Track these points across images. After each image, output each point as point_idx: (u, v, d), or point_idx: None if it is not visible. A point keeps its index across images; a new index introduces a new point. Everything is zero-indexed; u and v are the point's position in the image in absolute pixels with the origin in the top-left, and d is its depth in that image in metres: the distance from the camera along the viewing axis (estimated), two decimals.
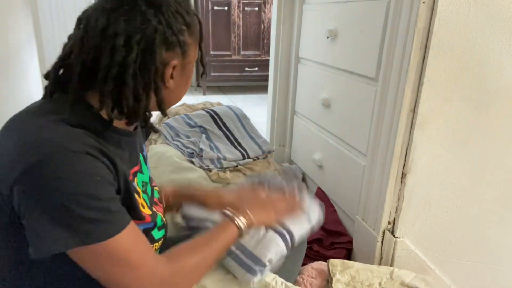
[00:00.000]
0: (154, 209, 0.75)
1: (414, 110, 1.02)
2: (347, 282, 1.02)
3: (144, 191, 0.77)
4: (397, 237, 1.12)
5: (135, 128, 0.73)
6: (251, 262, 0.83)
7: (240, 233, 0.78)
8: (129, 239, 0.60)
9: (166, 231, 0.82)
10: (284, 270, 0.95)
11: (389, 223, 1.14)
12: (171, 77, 0.65)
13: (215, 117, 1.80)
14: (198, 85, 4.27)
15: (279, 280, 0.87)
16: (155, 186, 0.85)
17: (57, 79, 0.65)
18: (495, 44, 0.99)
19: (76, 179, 0.54)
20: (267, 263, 0.83)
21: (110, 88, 0.59)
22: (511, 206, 1.15)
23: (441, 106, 1.02)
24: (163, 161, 1.57)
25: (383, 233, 1.15)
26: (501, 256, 1.20)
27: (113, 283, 0.60)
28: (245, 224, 0.79)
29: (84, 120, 0.61)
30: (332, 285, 1.02)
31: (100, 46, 0.59)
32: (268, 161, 1.70)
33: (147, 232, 0.73)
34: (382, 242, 1.16)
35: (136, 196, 0.69)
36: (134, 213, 0.66)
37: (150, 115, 0.71)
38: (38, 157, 0.54)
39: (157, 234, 0.75)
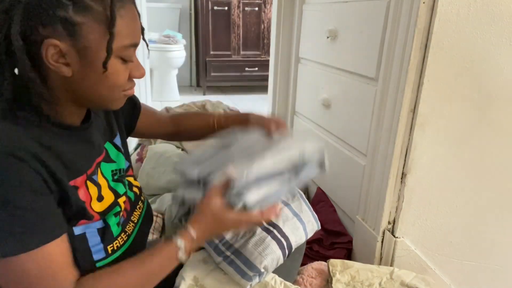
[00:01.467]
0: (118, 201, 0.72)
1: (414, 110, 1.02)
2: (347, 282, 1.02)
3: (118, 180, 0.75)
4: (397, 237, 1.12)
5: (86, 120, 0.70)
6: (246, 268, 0.81)
7: (181, 254, 0.69)
8: (39, 264, 0.55)
9: (139, 220, 0.79)
10: (283, 269, 0.95)
11: (389, 223, 1.14)
12: (64, 62, 0.58)
13: None
14: (198, 85, 4.27)
15: (278, 279, 0.87)
16: (128, 176, 0.81)
17: None
18: (495, 44, 0.99)
19: None
20: (263, 270, 0.81)
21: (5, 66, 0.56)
22: (511, 206, 1.15)
23: (441, 106, 1.02)
24: (162, 161, 1.57)
25: (383, 233, 1.15)
26: (501, 256, 1.20)
27: None
28: (184, 246, 0.68)
29: (27, 116, 0.58)
30: (332, 285, 1.02)
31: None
32: None
33: (104, 233, 0.68)
34: (382, 242, 1.16)
35: (91, 191, 0.66)
36: (81, 211, 0.63)
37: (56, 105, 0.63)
38: None
39: (115, 230, 0.71)
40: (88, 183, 0.66)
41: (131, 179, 0.82)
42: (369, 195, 1.19)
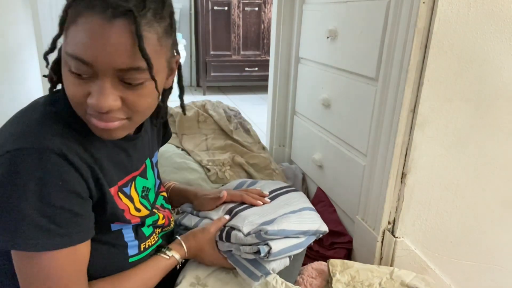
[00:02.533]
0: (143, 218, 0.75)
1: (414, 110, 1.02)
2: (347, 282, 1.02)
3: (144, 196, 0.76)
4: (397, 237, 1.12)
5: (138, 132, 0.73)
6: (254, 269, 0.84)
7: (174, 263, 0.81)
8: (61, 264, 0.57)
9: (165, 230, 0.84)
10: (284, 270, 0.95)
11: (389, 223, 1.14)
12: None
13: None
14: (198, 85, 4.27)
15: (279, 280, 0.87)
16: (162, 192, 0.86)
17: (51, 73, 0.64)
18: (495, 44, 0.99)
19: (35, 176, 0.53)
20: (271, 272, 0.84)
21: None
22: (511, 206, 1.15)
23: (441, 106, 1.02)
24: (162, 161, 1.57)
25: (383, 233, 1.15)
26: (501, 256, 1.20)
27: None
28: (179, 258, 0.81)
29: (73, 117, 0.60)
30: (332, 285, 1.01)
31: None
32: (270, 159, 1.70)
33: (137, 230, 0.74)
34: (382, 242, 1.16)
35: (125, 201, 0.69)
36: (115, 216, 0.66)
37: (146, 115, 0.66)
38: (10, 147, 0.54)
39: (146, 230, 0.77)
40: (120, 194, 0.68)
41: (165, 193, 0.89)
42: (369, 195, 1.19)
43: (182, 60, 3.46)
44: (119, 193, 0.68)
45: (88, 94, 0.56)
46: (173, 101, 0.82)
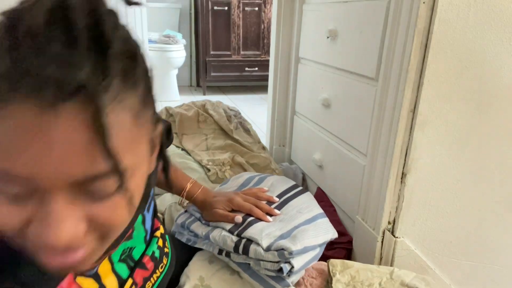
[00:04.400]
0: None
1: (414, 110, 1.02)
2: (347, 282, 1.02)
3: (123, 260, 0.60)
4: (397, 237, 1.12)
5: None
6: (274, 283, 0.85)
7: None
8: None
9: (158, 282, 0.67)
10: None
11: (389, 223, 1.14)
12: None
13: None
14: (198, 85, 4.27)
15: None
16: (156, 231, 0.68)
17: None
18: (495, 44, 0.99)
19: None
20: (290, 284, 0.86)
21: None
22: (511, 206, 1.15)
23: (441, 106, 1.02)
24: None
25: (383, 233, 1.15)
26: (501, 256, 1.20)
27: None
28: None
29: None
30: (332, 285, 1.01)
31: None
32: (270, 159, 1.70)
33: None
34: (382, 242, 1.16)
35: (86, 286, 0.51)
36: None
37: None
38: None
39: None
40: (78, 279, 0.51)
41: (157, 233, 0.68)
42: (369, 195, 1.19)
43: (182, 60, 3.44)
44: (78, 277, 0.51)
45: (28, 222, 0.36)
46: (173, 101, 0.81)
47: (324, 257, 1.23)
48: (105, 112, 0.32)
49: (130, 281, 0.59)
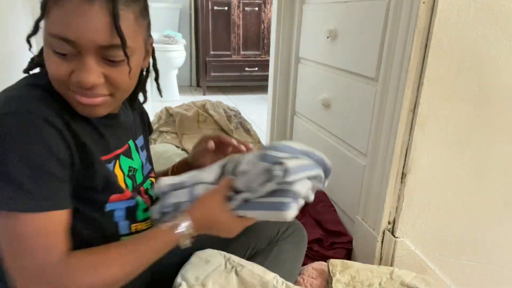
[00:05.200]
0: (134, 193, 0.74)
1: (414, 110, 1.02)
2: (347, 282, 1.02)
3: (130, 176, 0.75)
4: (397, 237, 1.12)
5: (117, 114, 0.73)
6: (280, 198, 0.71)
7: (180, 241, 0.67)
8: (44, 225, 0.56)
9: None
10: (285, 269, 0.95)
11: (389, 223, 1.14)
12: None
13: None
14: (198, 85, 4.27)
15: (280, 280, 0.87)
16: (151, 177, 0.84)
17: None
18: (495, 44, 0.99)
19: (19, 138, 0.54)
20: (297, 193, 0.72)
21: None
22: (511, 206, 1.15)
23: (441, 106, 1.02)
24: (162, 161, 1.57)
25: (383, 233, 1.15)
26: (501, 256, 1.20)
27: (7, 262, 0.56)
28: (184, 230, 0.67)
29: (59, 95, 0.62)
30: (332, 285, 1.02)
31: None
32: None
33: (130, 212, 0.71)
34: (382, 242, 1.16)
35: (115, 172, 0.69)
36: (111, 186, 0.67)
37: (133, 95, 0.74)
38: None
39: (141, 215, 0.75)
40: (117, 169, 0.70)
41: (154, 180, 0.84)
42: (369, 195, 1.19)
43: (182, 60, 3.46)
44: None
45: (72, 72, 0.58)
46: (173, 101, 0.82)
47: (324, 257, 1.23)
48: (118, 7, 0.56)
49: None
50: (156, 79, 0.83)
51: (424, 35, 0.96)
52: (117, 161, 0.72)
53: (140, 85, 0.77)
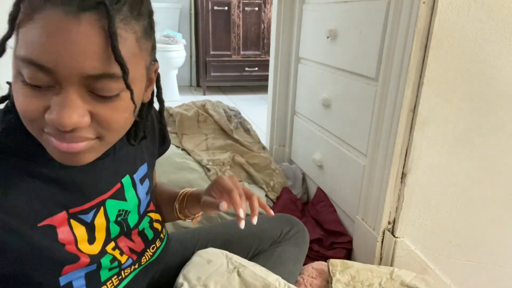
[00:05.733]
0: (106, 249, 0.62)
1: (414, 110, 1.02)
2: (347, 282, 1.02)
3: (119, 222, 0.65)
4: (397, 237, 1.12)
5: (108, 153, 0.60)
6: None
7: None
8: None
9: (142, 265, 0.70)
10: (287, 271, 0.95)
11: (389, 223, 1.14)
12: None
13: None
14: (198, 85, 4.27)
15: (282, 281, 0.87)
16: (150, 212, 0.73)
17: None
18: (495, 44, 0.99)
19: None
20: None
21: None
22: (511, 206, 1.15)
23: (441, 106, 1.02)
24: (162, 162, 1.57)
25: (383, 233, 1.15)
26: (501, 256, 1.20)
27: None
28: None
29: (21, 143, 0.51)
30: (332, 285, 1.02)
31: None
32: (270, 159, 1.70)
33: (92, 277, 0.60)
34: (382, 242, 1.16)
35: (77, 230, 0.57)
36: (59, 259, 0.54)
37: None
38: None
39: (106, 274, 0.63)
40: (72, 221, 0.56)
41: (152, 214, 0.74)
42: (369, 195, 1.19)
43: (182, 60, 3.44)
44: (72, 219, 0.56)
45: (47, 108, 0.44)
46: (173, 101, 0.81)
47: (324, 257, 1.23)
48: (116, 25, 0.42)
49: (112, 244, 0.63)
50: (161, 110, 0.69)
51: (424, 35, 0.96)
52: (102, 207, 0.61)
53: (142, 121, 0.62)
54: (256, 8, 3.75)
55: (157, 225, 0.74)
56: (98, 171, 0.60)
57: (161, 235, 0.76)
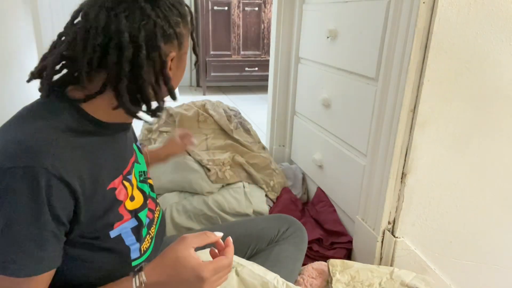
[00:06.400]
0: (143, 205, 0.74)
1: (414, 110, 1.02)
2: (347, 282, 1.02)
3: (142, 181, 0.77)
4: (397, 237, 1.12)
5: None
6: None
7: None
8: (37, 285, 0.55)
9: (157, 224, 0.82)
10: (285, 269, 0.95)
11: (389, 223, 1.14)
12: (170, 68, 0.66)
13: None
14: (198, 85, 4.27)
15: (280, 280, 0.87)
16: (149, 178, 0.85)
17: (54, 75, 0.64)
18: (495, 44, 0.99)
19: (26, 196, 0.52)
20: None
21: (125, 84, 0.60)
22: (511, 206, 1.15)
23: (441, 106, 1.02)
24: None
25: (383, 233, 1.15)
26: (501, 256, 1.20)
27: None
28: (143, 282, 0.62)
29: (73, 123, 0.60)
30: (332, 285, 1.02)
31: (105, 44, 0.58)
32: (270, 159, 1.70)
33: (136, 232, 0.70)
34: (382, 242, 1.16)
35: (128, 189, 0.70)
36: (114, 214, 0.65)
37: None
38: (4, 164, 0.52)
39: (144, 231, 0.73)
40: (125, 183, 0.70)
41: (151, 181, 0.85)
42: (369, 195, 1.19)
43: None
44: (124, 181, 0.70)
45: None
46: (173, 101, 0.81)
47: (324, 257, 1.23)
48: None
49: (145, 202, 0.75)
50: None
51: (424, 35, 0.96)
52: (133, 169, 0.74)
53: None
54: (256, 8, 3.75)
55: (154, 191, 0.86)
56: (126, 138, 0.73)
57: (157, 201, 0.87)
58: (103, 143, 0.65)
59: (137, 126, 2.07)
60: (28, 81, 0.65)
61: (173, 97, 0.68)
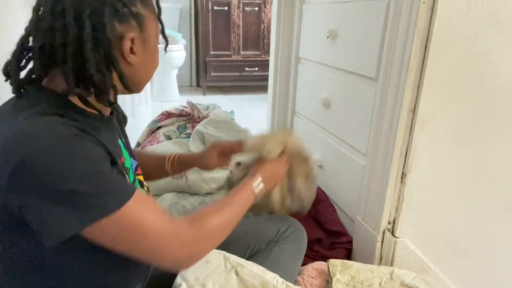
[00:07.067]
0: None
1: (414, 110, 1.02)
2: (347, 282, 1.02)
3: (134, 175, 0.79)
4: (397, 237, 1.12)
5: (111, 113, 0.72)
6: None
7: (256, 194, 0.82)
8: (142, 204, 0.60)
9: None
10: (284, 269, 0.95)
11: (389, 223, 1.14)
12: (132, 51, 0.63)
13: None
14: (198, 85, 4.27)
15: (280, 280, 0.87)
16: (138, 174, 0.84)
17: (20, 69, 0.63)
18: (495, 44, 0.99)
19: (72, 160, 0.54)
20: None
21: (71, 66, 0.58)
22: (511, 206, 1.15)
23: (441, 106, 1.02)
24: None
25: (383, 233, 1.15)
26: (501, 256, 1.20)
27: (136, 252, 0.60)
28: (261, 186, 0.83)
29: (59, 110, 0.60)
30: (332, 285, 1.01)
31: (52, 26, 0.57)
32: None
33: None
34: (382, 242, 1.16)
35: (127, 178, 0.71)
36: None
37: (115, 96, 0.67)
38: (25, 151, 0.52)
39: None
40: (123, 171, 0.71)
41: (141, 177, 0.84)
42: (369, 195, 1.19)
43: (182, 60, 3.44)
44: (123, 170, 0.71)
45: None
46: (173, 101, 0.82)
47: (324, 257, 1.23)
48: None
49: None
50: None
51: (424, 35, 0.96)
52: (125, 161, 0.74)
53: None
54: (256, 8, 3.75)
55: (146, 187, 0.87)
56: (112, 132, 0.72)
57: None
58: (104, 129, 0.67)
59: (139, 128, 2.07)
60: (5, 80, 0.64)
61: (127, 89, 0.65)
